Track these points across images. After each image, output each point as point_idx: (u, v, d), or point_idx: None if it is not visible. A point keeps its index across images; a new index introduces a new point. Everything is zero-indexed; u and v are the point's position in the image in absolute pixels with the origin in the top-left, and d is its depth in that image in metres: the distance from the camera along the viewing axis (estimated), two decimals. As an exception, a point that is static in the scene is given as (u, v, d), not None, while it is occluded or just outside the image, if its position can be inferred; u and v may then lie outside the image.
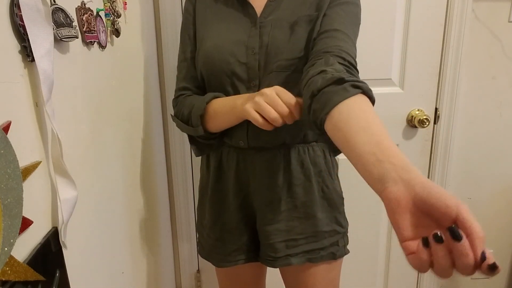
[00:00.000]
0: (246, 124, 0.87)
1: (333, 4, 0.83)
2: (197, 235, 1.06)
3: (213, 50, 0.89)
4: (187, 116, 0.91)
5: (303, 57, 0.82)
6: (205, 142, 0.93)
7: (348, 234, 1.00)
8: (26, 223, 0.54)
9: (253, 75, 0.87)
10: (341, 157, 0.96)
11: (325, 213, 0.93)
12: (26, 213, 0.53)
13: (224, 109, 0.85)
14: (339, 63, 0.70)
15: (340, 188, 0.99)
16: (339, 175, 1.00)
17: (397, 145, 1.50)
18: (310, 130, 0.90)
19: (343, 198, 0.98)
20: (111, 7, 0.91)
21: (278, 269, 1.02)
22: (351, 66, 0.73)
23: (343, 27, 0.79)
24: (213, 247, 0.99)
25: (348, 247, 1.00)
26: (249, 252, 0.98)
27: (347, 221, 0.99)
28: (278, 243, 0.92)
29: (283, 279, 1.05)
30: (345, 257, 1.00)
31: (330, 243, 0.94)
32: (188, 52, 0.96)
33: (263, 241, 0.95)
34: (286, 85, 0.77)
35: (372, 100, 0.63)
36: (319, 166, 0.92)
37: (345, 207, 0.99)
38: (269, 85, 0.79)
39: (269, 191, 0.91)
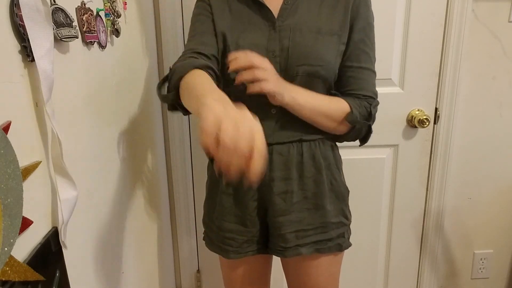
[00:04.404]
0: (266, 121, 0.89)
1: (358, 27, 0.90)
2: (204, 229, 1.06)
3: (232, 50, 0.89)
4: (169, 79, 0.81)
5: (326, 67, 0.89)
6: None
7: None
8: (26, 223, 0.54)
9: None
10: (344, 157, 0.96)
11: (333, 205, 0.96)
12: (26, 213, 0.53)
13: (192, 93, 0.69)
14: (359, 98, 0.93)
15: (345, 182, 1.01)
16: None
17: (397, 145, 1.50)
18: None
19: (348, 191, 1.01)
20: (111, 7, 0.91)
21: (280, 264, 1.05)
22: (368, 98, 0.93)
23: (368, 62, 0.93)
24: (224, 238, 1.00)
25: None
26: (258, 243, 1.00)
27: (351, 214, 1.02)
28: (288, 233, 0.94)
29: (285, 273, 1.07)
30: (345, 256, 1.02)
31: (337, 234, 0.97)
32: (204, 31, 0.90)
33: (274, 232, 0.96)
34: (310, 89, 0.88)
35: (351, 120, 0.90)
36: (328, 159, 0.96)
37: (345, 207, 1.00)
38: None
39: (283, 183, 0.94)
